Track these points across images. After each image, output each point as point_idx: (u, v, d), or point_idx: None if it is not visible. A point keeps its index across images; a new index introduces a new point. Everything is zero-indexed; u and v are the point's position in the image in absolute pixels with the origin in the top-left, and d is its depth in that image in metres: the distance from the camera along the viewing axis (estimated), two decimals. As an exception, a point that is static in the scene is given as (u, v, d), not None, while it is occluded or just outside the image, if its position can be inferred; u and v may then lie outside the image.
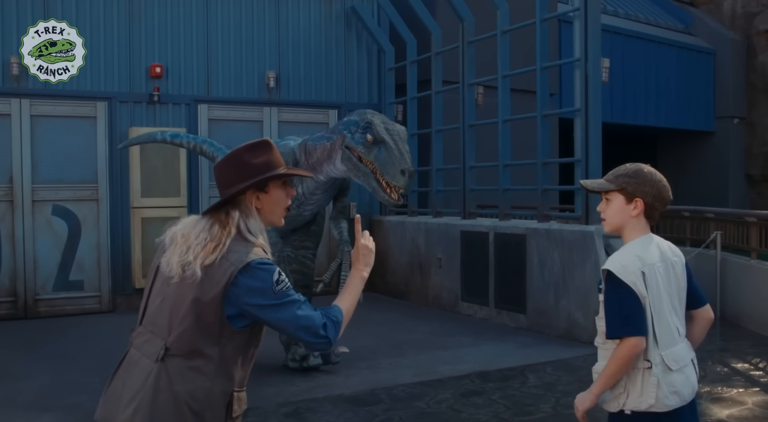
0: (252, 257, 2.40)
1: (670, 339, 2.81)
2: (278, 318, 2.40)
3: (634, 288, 2.76)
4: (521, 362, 7.50)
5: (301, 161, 6.83)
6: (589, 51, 8.62)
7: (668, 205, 2.96)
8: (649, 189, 2.88)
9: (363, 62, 12.82)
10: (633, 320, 2.74)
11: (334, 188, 7.21)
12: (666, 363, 2.78)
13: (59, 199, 10.56)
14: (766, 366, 7.42)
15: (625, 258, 2.83)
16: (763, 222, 9.45)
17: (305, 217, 7.29)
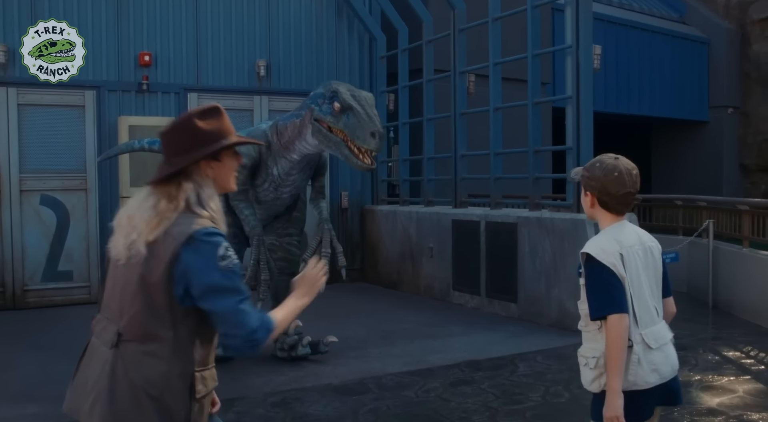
0: (195, 227, 2.27)
1: (649, 318, 2.90)
2: (218, 305, 2.25)
3: (614, 269, 2.83)
4: (512, 351, 7.45)
5: (274, 142, 6.79)
6: (580, 37, 8.54)
7: (627, 196, 2.94)
8: (594, 183, 2.95)
9: (354, 51, 12.72)
10: (615, 299, 2.81)
11: (310, 167, 7.09)
12: (646, 342, 2.85)
13: (47, 189, 10.47)
14: (758, 354, 7.38)
15: (603, 241, 2.90)
16: (755, 211, 9.40)
17: (285, 201, 7.19)
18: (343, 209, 12.47)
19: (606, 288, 2.82)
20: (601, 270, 2.83)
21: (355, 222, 12.67)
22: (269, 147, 6.81)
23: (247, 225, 6.82)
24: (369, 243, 12.50)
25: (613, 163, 2.93)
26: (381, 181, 12.67)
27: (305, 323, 7.39)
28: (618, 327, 2.77)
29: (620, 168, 2.92)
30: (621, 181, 2.91)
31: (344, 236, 12.53)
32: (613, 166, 2.92)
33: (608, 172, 2.91)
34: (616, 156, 2.97)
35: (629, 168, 2.94)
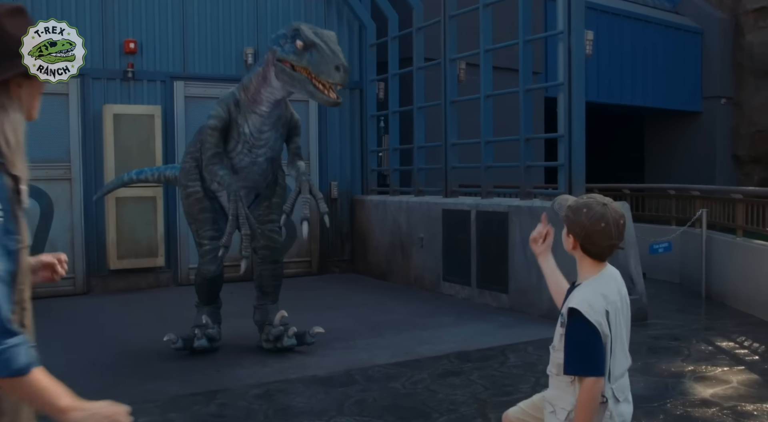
0: None
1: (619, 372, 2.86)
2: None
3: (599, 328, 2.74)
4: (502, 342, 7.32)
5: (242, 99, 6.63)
6: (572, 23, 8.39)
7: (611, 248, 2.82)
8: (578, 229, 2.81)
9: (344, 38, 12.51)
10: (595, 361, 2.74)
11: (282, 125, 6.85)
12: (615, 396, 2.83)
13: (30, 179, 10.12)
14: (751, 344, 7.26)
15: (591, 297, 2.78)
16: (749, 200, 9.28)
17: (262, 166, 6.88)
18: (332, 199, 12.31)
19: (588, 349, 2.74)
20: (586, 328, 2.73)
21: (345, 212, 12.52)
22: (238, 104, 6.65)
23: (223, 185, 6.57)
24: (359, 234, 12.35)
25: (601, 212, 2.77)
26: (371, 170, 12.51)
27: (292, 314, 7.25)
28: (593, 390, 2.72)
29: (607, 218, 2.76)
30: (607, 233, 2.77)
31: (334, 226, 12.37)
32: (600, 215, 2.76)
33: (594, 222, 2.76)
34: (605, 202, 2.81)
35: (617, 218, 2.78)
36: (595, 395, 2.72)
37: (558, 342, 2.85)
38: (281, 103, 6.70)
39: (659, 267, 11.11)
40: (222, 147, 6.70)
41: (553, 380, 2.92)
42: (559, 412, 2.84)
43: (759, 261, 8.62)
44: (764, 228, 8.81)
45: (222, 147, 6.70)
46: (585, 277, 2.86)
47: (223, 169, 6.63)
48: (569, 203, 2.88)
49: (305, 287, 10.84)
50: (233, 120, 6.67)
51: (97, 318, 8.89)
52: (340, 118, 12.44)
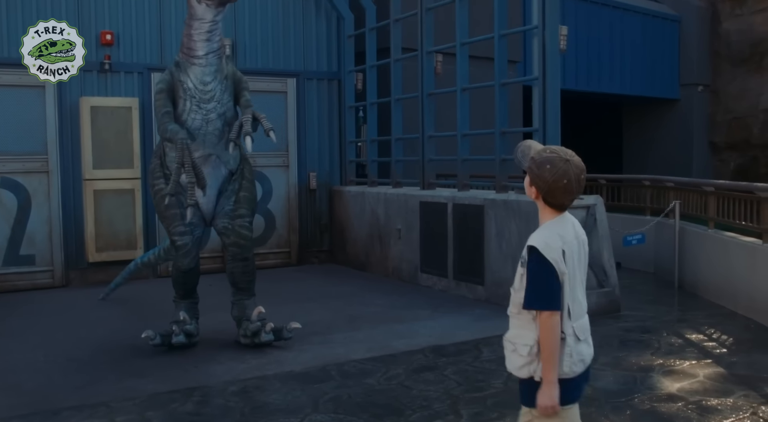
0: None
1: (580, 312, 3.05)
2: None
3: (555, 265, 2.92)
4: (476, 335, 7.43)
5: (180, 58, 6.80)
6: (547, 18, 8.45)
7: (571, 201, 3.00)
8: (541, 183, 2.96)
9: (322, 29, 12.54)
10: (551, 296, 2.92)
11: (224, 77, 6.85)
12: (576, 334, 3.01)
13: (7, 172, 10.26)
14: (720, 336, 7.42)
15: (548, 236, 2.96)
16: (720, 192, 9.42)
17: (216, 126, 6.86)
18: (311, 190, 12.37)
19: (545, 284, 2.92)
20: (544, 265, 2.92)
21: (324, 203, 12.58)
22: (178, 65, 6.80)
23: (172, 135, 6.56)
24: (337, 225, 12.42)
25: (564, 169, 2.90)
26: (349, 161, 12.56)
27: (270, 307, 7.33)
28: (550, 323, 2.90)
29: (569, 174, 2.91)
30: (568, 189, 2.93)
31: (313, 217, 12.47)
32: (563, 171, 2.90)
33: (557, 178, 2.91)
34: (567, 157, 2.93)
35: (578, 173, 2.93)
36: (554, 327, 2.90)
37: (518, 282, 3.03)
38: (214, 44, 6.70)
39: (634, 257, 11.27)
40: (171, 107, 6.78)
41: (513, 319, 3.10)
42: (520, 348, 3.01)
43: (728, 253, 8.78)
44: (734, 221, 8.96)
45: (171, 107, 6.78)
46: (545, 221, 3.03)
47: (172, 123, 6.68)
48: (533, 154, 3.01)
49: (284, 278, 10.92)
50: (176, 80, 6.78)
51: (76, 311, 8.91)
52: (318, 108, 12.48)
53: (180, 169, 6.51)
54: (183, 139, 6.51)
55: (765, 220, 8.08)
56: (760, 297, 7.89)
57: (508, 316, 3.13)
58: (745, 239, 8.56)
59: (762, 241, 8.09)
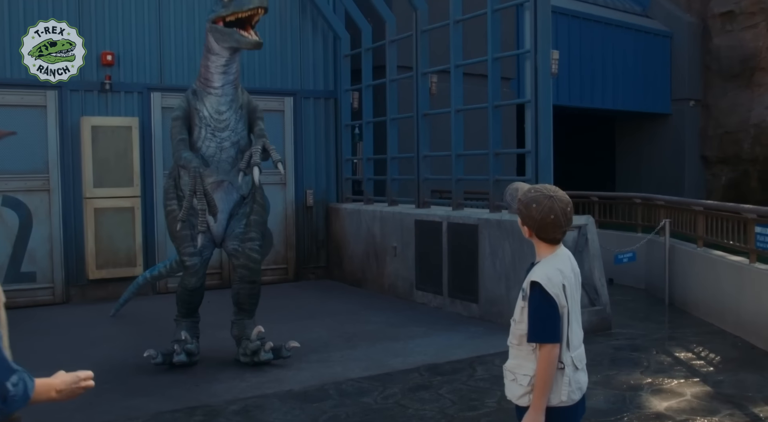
0: None
1: (577, 342, 3.20)
2: None
3: (557, 299, 3.07)
4: (471, 354, 7.60)
5: (197, 86, 7.04)
6: (538, 43, 8.67)
7: (562, 234, 3.17)
8: (531, 223, 3.14)
9: (318, 49, 12.76)
10: (553, 329, 3.06)
11: (239, 106, 7.08)
12: (574, 364, 3.15)
13: (9, 190, 10.42)
14: (707, 354, 7.61)
15: (550, 271, 3.11)
16: (709, 212, 9.63)
17: (229, 153, 7.06)
18: (308, 207, 12.55)
19: (547, 318, 3.06)
20: (546, 300, 3.06)
21: (320, 220, 12.76)
22: (195, 93, 7.04)
23: (186, 163, 6.74)
24: (334, 241, 12.60)
25: (549, 205, 3.08)
26: (345, 179, 12.76)
27: (268, 325, 7.50)
28: (551, 355, 3.04)
29: (556, 210, 3.08)
30: (557, 223, 3.11)
31: (309, 234, 12.64)
32: (549, 208, 3.08)
33: (545, 215, 3.09)
34: (551, 194, 3.11)
35: (563, 207, 3.10)
36: (553, 360, 3.04)
37: (519, 314, 3.16)
38: (231, 76, 6.93)
39: (626, 274, 11.48)
40: (186, 134, 6.99)
41: (513, 350, 3.22)
42: (520, 378, 3.14)
43: (717, 272, 8.98)
44: (723, 240, 9.17)
45: (186, 134, 6.99)
46: (542, 256, 3.19)
47: (187, 151, 6.87)
48: (519, 196, 3.21)
49: (281, 294, 11.08)
50: (193, 108, 7.00)
51: (76, 328, 9.06)
52: (315, 126, 12.68)
53: (192, 196, 6.67)
54: (196, 168, 6.68)
55: (752, 240, 8.28)
56: (747, 316, 8.09)
57: (509, 346, 3.26)
58: (733, 258, 8.76)
59: (749, 261, 8.29)
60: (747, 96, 21.55)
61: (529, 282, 3.11)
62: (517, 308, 3.20)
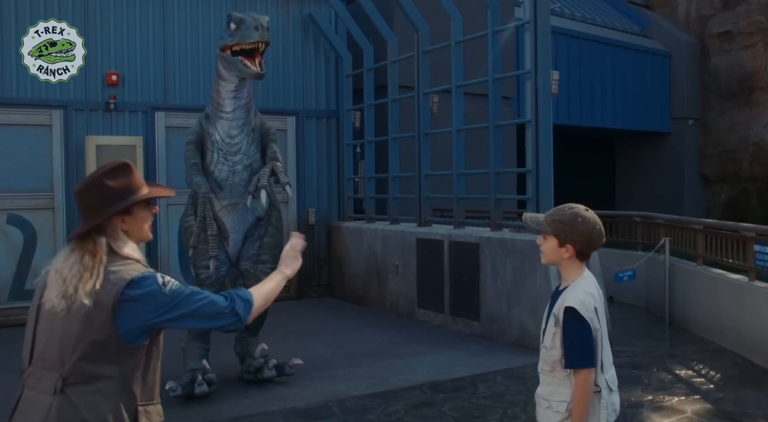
0: (133, 273, 2.52)
1: (609, 364, 3.17)
2: (180, 315, 2.53)
3: (591, 323, 3.07)
4: (473, 371, 7.65)
5: (210, 111, 7.15)
6: (538, 64, 8.78)
7: (600, 243, 3.18)
8: (579, 237, 3.11)
9: (321, 69, 12.89)
10: (590, 354, 3.06)
11: (251, 130, 7.16)
12: (609, 386, 3.13)
13: (14, 208, 10.50)
14: (708, 372, 7.66)
15: (582, 295, 3.10)
16: (708, 230, 9.71)
17: (241, 176, 7.14)
18: (310, 225, 12.63)
19: (584, 343, 3.06)
20: (581, 325, 3.05)
21: (322, 238, 12.84)
22: (207, 117, 7.14)
23: (196, 188, 6.86)
24: (336, 260, 12.67)
25: (592, 217, 3.11)
26: (347, 197, 12.85)
27: (271, 343, 7.55)
28: (589, 380, 3.04)
29: (598, 220, 3.13)
30: (602, 233, 3.14)
31: (311, 252, 12.70)
32: (593, 219, 3.11)
33: (592, 227, 3.10)
34: (586, 208, 3.15)
35: (598, 218, 3.15)
36: (590, 385, 3.04)
37: (550, 341, 3.13)
38: (242, 100, 7.04)
39: (626, 292, 11.55)
40: (199, 158, 7.09)
41: (546, 377, 3.19)
42: (556, 405, 3.12)
43: (716, 290, 9.05)
44: (722, 258, 9.24)
45: (199, 158, 7.09)
46: (571, 280, 3.16)
47: (199, 175, 6.98)
48: (554, 218, 3.15)
49: (284, 312, 11.09)
50: (205, 132, 7.10)
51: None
52: (317, 145, 12.79)
53: (203, 222, 6.75)
54: (205, 193, 6.78)
55: (751, 259, 8.35)
56: (748, 334, 8.15)
57: (539, 373, 3.23)
58: (733, 276, 8.83)
59: (749, 279, 8.36)
60: (745, 115, 21.71)
61: (562, 308, 3.09)
62: (548, 335, 3.16)
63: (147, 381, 2.59)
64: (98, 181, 2.59)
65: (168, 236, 11.28)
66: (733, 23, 21.84)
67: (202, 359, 7.04)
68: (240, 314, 2.59)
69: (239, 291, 2.66)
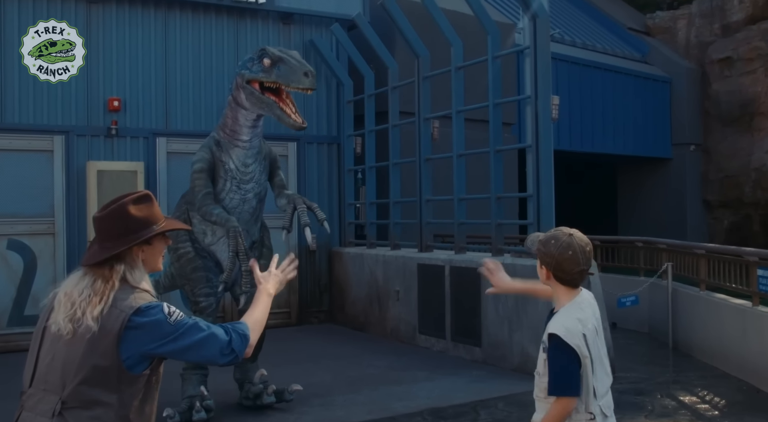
0: (141, 302, 2.53)
1: (604, 389, 3.11)
2: (180, 347, 2.52)
3: (578, 351, 3.00)
4: (474, 397, 7.57)
5: (221, 137, 6.93)
6: (539, 89, 8.80)
7: (581, 274, 3.10)
8: (549, 260, 3.10)
9: (322, 94, 12.93)
10: (572, 382, 2.99)
11: (263, 157, 7.11)
12: (603, 412, 3.07)
13: (15, 234, 10.48)
14: (712, 398, 7.58)
15: (568, 321, 3.05)
16: (711, 255, 9.67)
17: (252, 204, 7.04)
18: (311, 251, 12.57)
19: (566, 371, 3.00)
20: (565, 352, 3.00)
21: (323, 264, 12.79)
22: (218, 144, 6.92)
23: (221, 222, 6.67)
24: (337, 285, 12.62)
25: (568, 241, 3.07)
26: (348, 223, 12.82)
27: (271, 368, 7.49)
28: (565, 410, 3.00)
29: (574, 246, 3.06)
30: (575, 260, 3.06)
31: (312, 278, 12.66)
32: (567, 244, 3.06)
33: (563, 251, 3.06)
34: (571, 232, 3.12)
35: (582, 245, 3.08)
36: (566, 413, 3.00)
37: (542, 367, 3.10)
38: (258, 129, 6.97)
39: (629, 317, 11.46)
40: (211, 187, 6.85)
41: (540, 403, 3.15)
42: None
43: (720, 315, 8.99)
44: (725, 283, 9.18)
45: (211, 187, 6.85)
46: (562, 304, 3.13)
47: (217, 207, 6.74)
48: (540, 238, 3.17)
49: (284, 338, 11.05)
50: (217, 160, 6.87)
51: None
52: (318, 171, 12.79)
53: (235, 258, 6.56)
54: (235, 228, 6.57)
55: (754, 284, 8.30)
56: (752, 359, 8.07)
57: (535, 399, 3.19)
58: (736, 301, 8.78)
59: (752, 304, 8.30)
60: (747, 140, 21.71)
61: (546, 334, 3.06)
62: (540, 360, 3.13)
63: (144, 411, 2.58)
64: (123, 208, 2.61)
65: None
66: (733, 49, 21.92)
67: (200, 385, 6.95)
68: (236, 352, 2.60)
69: (236, 325, 2.65)
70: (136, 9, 11.40)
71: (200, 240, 7.15)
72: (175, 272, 7.50)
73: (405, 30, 10.80)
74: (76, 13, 10.93)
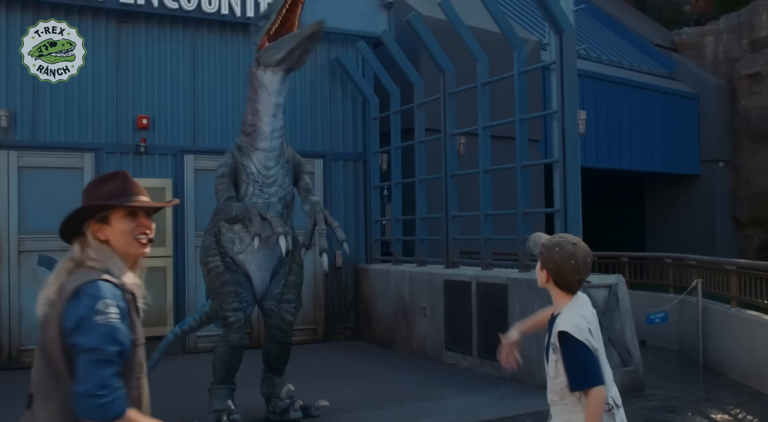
0: (83, 280, 2.32)
1: (611, 381, 3.21)
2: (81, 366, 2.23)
3: (588, 343, 3.09)
4: (501, 414, 7.51)
5: (242, 142, 6.95)
6: (565, 103, 8.77)
7: (579, 283, 3.20)
8: (552, 265, 3.19)
9: (348, 112, 13.00)
10: (594, 372, 3.08)
11: (285, 161, 7.06)
12: (615, 402, 3.17)
13: (45, 249, 10.60)
14: (745, 416, 7.46)
15: (574, 319, 3.15)
16: (742, 271, 9.54)
17: (276, 208, 6.93)
18: (337, 268, 12.60)
19: (586, 363, 3.07)
20: (578, 346, 3.08)
21: (349, 280, 12.80)
22: (240, 148, 6.94)
23: (240, 212, 6.61)
24: (363, 302, 12.61)
25: (572, 251, 3.15)
26: (374, 239, 12.83)
27: (298, 384, 7.48)
28: (601, 398, 3.04)
29: (577, 256, 3.15)
30: (576, 269, 3.16)
31: (338, 294, 12.66)
32: (570, 253, 3.14)
33: (565, 259, 3.14)
34: (575, 241, 3.19)
35: (585, 256, 3.17)
36: (602, 401, 3.04)
37: (553, 370, 3.16)
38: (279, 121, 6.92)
39: (658, 335, 11.32)
40: (234, 191, 6.86)
41: (557, 407, 3.18)
42: None
43: (752, 332, 8.85)
44: (757, 300, 9.05)
45: (234, 191, 6.86)
46: (560, 307, 3.21)
47: (235, 203, 6.74)
48: (543, 241, 3.25)
49: (310, 355, 11.04)
50: (239, 164, 6.89)
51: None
52: (344, 188, 12.83)
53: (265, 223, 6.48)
54: (253, 204, 6.61)
55: (786, 299, 8.17)
56: (785, 377, 7.93)
57: (550, 405, 3.22)
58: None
59: (784, 320, 8.17)
60: (777, 157, 21.46)
61: (556, 334, 3.12)
62: (550, 364, 3.18)
63: None
64: (87, 187, 2.56)
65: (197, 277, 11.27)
66: (761, 65, 21.72)
67: (227, 400, 6.94)
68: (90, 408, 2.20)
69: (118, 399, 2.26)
70: (164, 28, 11.55)
71: (229, 250, 7.13)
72: (206, 287, 7.46)
73: (431, 46, 10.84)
74: (107, 33, 11.11)
